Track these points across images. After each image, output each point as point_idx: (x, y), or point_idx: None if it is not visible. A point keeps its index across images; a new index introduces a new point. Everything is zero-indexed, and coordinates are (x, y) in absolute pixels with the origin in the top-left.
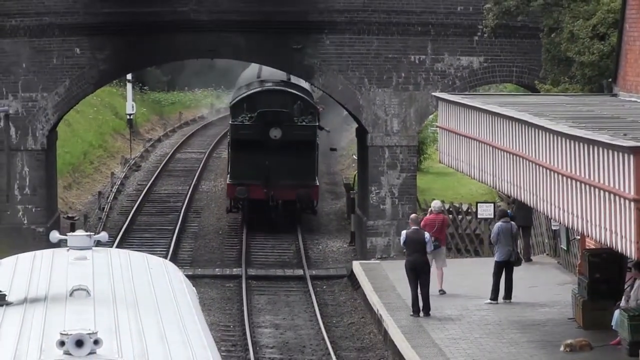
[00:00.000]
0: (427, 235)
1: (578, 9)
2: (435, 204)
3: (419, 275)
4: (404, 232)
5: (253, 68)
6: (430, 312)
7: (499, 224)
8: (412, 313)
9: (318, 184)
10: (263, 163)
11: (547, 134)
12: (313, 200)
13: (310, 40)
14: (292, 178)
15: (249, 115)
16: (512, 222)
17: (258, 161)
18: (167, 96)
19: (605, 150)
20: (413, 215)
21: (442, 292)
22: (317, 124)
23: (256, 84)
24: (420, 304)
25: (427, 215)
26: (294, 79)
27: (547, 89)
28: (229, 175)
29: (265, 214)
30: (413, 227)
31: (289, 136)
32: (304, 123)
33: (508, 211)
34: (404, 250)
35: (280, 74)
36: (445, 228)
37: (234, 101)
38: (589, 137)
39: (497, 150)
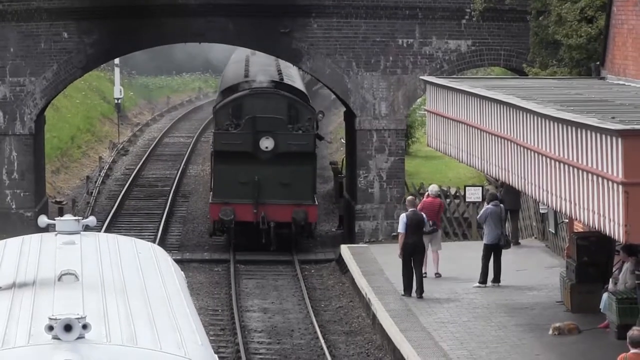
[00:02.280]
0: (424, 215)
1: None
2: (433, 187)
3: (415, 255)
4: (404, 215)
5: (239, 65)
6: (423, 295)
7: (489, 206)
8: (403, 294)
9: (317, 203)
10: (252, 179)
11: (535, 117)
12: (311, 223)
13: (298, 24)
14: (287, 196)
15: (235, 123)
16: (502, 205)
17: (246, 176)
18: (155, 80)
19: (593, 134)
20: (410, 198)
21: (439, 275)
22: (316, 132)
23: (243, 85)
24: (414, 285)
25: (424, 198)
26: (287, 79)
27: (535, 72)
28: (212, 193)
29: (254, 238)
30: (411, 209)
31: (282, 147)
32: (300, 132)
33: (497, 194)
34: (402, 232)
35: (271, 74)
36: (441, 212)
37: (217, 105)
38: (577, 120)
39: (485, 133)
